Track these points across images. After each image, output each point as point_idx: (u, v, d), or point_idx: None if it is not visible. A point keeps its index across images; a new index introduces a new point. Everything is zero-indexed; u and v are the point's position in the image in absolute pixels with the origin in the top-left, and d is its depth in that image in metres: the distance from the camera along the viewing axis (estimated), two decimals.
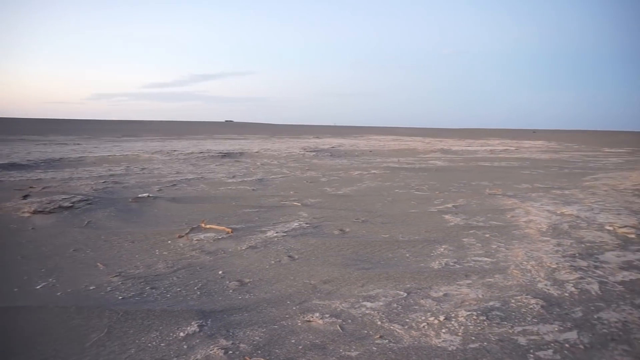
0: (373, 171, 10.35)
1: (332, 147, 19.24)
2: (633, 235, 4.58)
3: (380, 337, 2.46)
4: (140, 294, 3.11)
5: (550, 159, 15.17)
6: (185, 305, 2.91)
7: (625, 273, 3.46)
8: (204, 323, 2.62)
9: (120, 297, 3.04)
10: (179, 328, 2.57)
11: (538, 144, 26.96)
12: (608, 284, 3.23)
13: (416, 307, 2.85)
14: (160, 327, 2.58)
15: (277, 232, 4.64)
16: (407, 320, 2.67)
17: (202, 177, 8.97)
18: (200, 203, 6.25)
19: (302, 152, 15.77)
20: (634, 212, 5.71)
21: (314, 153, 15.82)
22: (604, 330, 2.53)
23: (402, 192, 7.42)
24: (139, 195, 6.55)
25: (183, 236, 4.48)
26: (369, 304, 2.89)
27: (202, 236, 4.53)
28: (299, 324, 2.64)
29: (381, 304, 2.90)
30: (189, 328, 2.56)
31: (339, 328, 2.57)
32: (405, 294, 3.05)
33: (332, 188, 7.77)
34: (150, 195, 6.63)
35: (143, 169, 10.27)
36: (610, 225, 4.97)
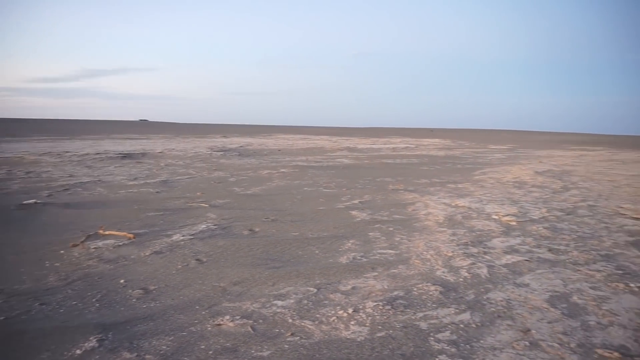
0: (282, 170, 10.39)
1: (241, 147, 18.97)
2: (514, 223, 5.14)
3: (292, 334, 2.49)
4: (27, 311, 2.81)
5: (445, 156, 16.41)
6: (82, 319, 2.69)
7: (509, 256, 3.87)
8: (104, 337, 2.45)
9: (1, 318, 2.71)
10: (74, 345, 2.36)
11: (435, 142, 29.03)
12: (495, 267, 3.58)
13: (326, 302, 2.93)
14: (53, 346, 2.35)
15: (183, 236, 4.47)
16: (318, 315, 2.72)
17: (99, 180, 8.33)
18: (98, 208, 5.81)
19: (209, 152, 15.35)
20: (514, 202, 6.40)
21: (221, 153, 15.47)
22: (492, 309, 2.81)
23: (311, 190, 7.55)
24: (24, 202, 5.90)
25: (78, 245, 4.13)
26: (280, 303, 2.90)
27: (100, 244, 4.21)
28: (209, 328, 2.57)
29: (292, 301, 2.93)
30: (86, 344, 2.37)
31: (250, 329, 2.55)
32: (316, 290, 3.11)
33: (241, 188, 7.67)
34: (38, 201, 6.00)
35: (28, 172, 9.27)
36: (496, 215, 5.52)
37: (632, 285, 3.20)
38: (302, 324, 2.61)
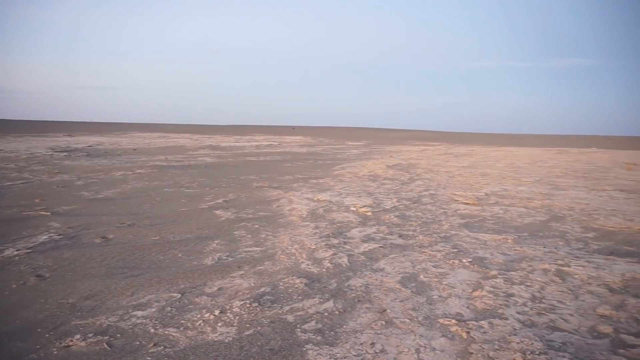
0: (138, 171, 9.68)
1: (89, 146, 17.16)
2: (370, 213, 5.57)
3: (155, 345, 2.34)
4: None
5: (307, 153, 17.03)
6: None
7: (366, 245, 4.18)
8: None
9: None
10: None
11: (297, 139, 29.91)
12: (354, 256, 3.84)
13: (191, 306, 2.82)
14: None
15: (18, 250, 3.88)
16: (183, 321, 2.61)
17: None
18: None
19: (50, 153, 13.56)
20: (370, 194, 6.94)
21: (65, 153, 13.79)
22: (353, 295, 3.01)
23: (172, 190, 7.18)
24: None
25: None
26: (140, 313, 2.71)
27: None
28: (55, 352, 2.28)
29: (154, 310, 2.76)
30: None
31: (106, 346, 2.33)
32: (180, 295, 2.97)
33: (90, 192, 6.94)
34: None
35: None
36: (354, 207, 5.92)
37: (464, 260, 3.71)
38: (166, 332, 2.48)
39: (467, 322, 2.60)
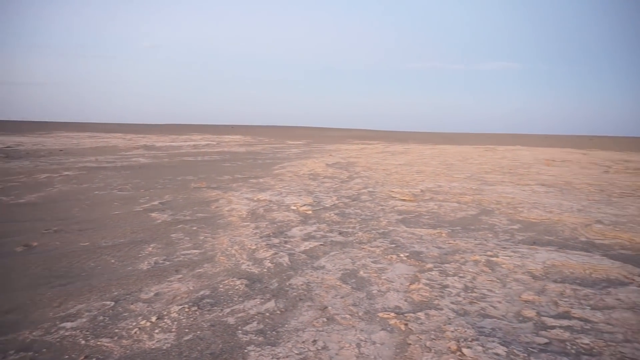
0: (66, 173, 9.08)
1: (8, 147, 15.86)
2: (310, 212, 5.61)
3: (86, 357, 2.21)
4: None
5: (247, 152, 16.82)
6: None
7: (306, 243, 4.21)
8: None
9: None
10: None
11: (236, 138, 29.45)
12: (295, 255, 3.85)
13: (126, 314, 2.69)
14: None
15: None
16: (117, 330, 2.49)
17: None
18: None
19: None
20: (310, 193, 6.98)
21: None
22: (294, 294, 3.02)
23: (103, 193, 6.81)
24: None
25: None
26: (69, 324, 2.55)
27: None
28: None
29: (84, 320, 2.60)
30: None
31: None
32: (113, 303, 2.83)
33: (9, 197, 6.41)
34: None
35: None
36: (294, 205, 5.93)
37: (402, 255, 3.84)
38: (99, 343, 2.35)
39: (405, 315, 2.69)
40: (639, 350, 2.27)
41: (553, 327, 2.54)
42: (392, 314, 2.69)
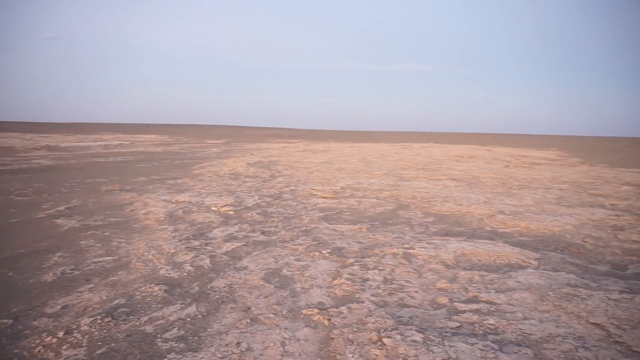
0: None
1: None
2: (232, 212, 5.50)
3: None
4: None
5: (163, 152, 16.10)
6: None
7: (229, 244, 4.13)
8: None
9: None
10: None
11: (152, 137, 28.07)
12: (216, 257, 3.76)
13: (28, 331, 2.46)
14: None
15: None
16: (17, 350, 2.26)
17: None
18: None
19: None
20: (231, 193, 6.86)
21: None
22: (216, 296, 2.95)
23: None
24: None
25: None
26: None
27: None
28: None
29: None
30: None
31: None
32: (12, 321, 2.57)
33: None
34: None
35: None
36: (215, 206, 5.78)
37: (324, 252, 3.91)
38: None
39: (329, 310, 2.74)
40: (535, 325, 2.52)
41: (464, 312, 2.73)
42: (316, 310, 2.73)
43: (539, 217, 5.37)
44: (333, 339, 2.39)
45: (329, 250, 3.95)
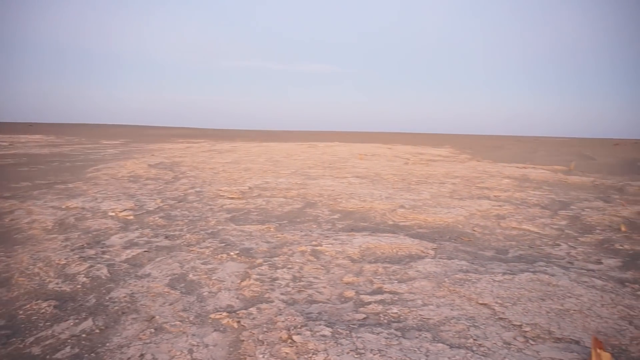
0: None
1: None
2: (132, 217, 5.18)
3: None
4: None
5: (51, 154, 14.63)
6: None
7: (129, 251, 3.87)
8: None
9: None
10: None
11: (36, 138, 25.36)
12: (115, 265, 3.51)
13: None
14: None
15: None
16: None
17: None
18: None
19: None
20: (131, 196, 6.45)
21: None
22: (116, 308, 2.75)
23: None
24: None
25: None
26: None
27: None
28: None
29: None
30: None
31: None
32: None
33: None
34: None
35: None
36: (112, 212, 5.39)
37: (232, 253, 3.84)
38: None
39: (238, 312, 2.69)
40: (433, 310, 2.71)
41: (369, 303, 2.85)
42: (225, 314, 2.67)
43: (435, 210, 5.78)
44: (243, 341, 2.35)
45: (237, 252, 3.89)
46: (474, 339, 2.36)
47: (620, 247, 4.31)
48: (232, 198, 6.54)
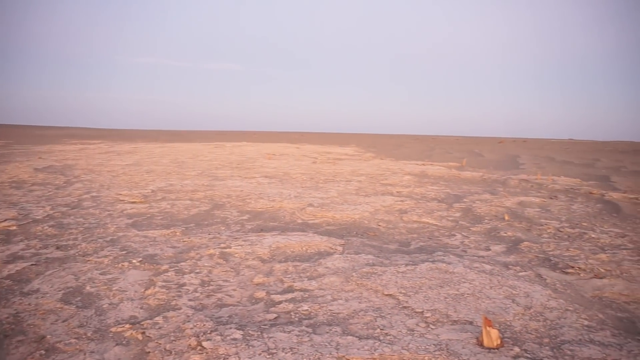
0: None
1: None
2: (14, 227, 4.65)
3: None
4: None
5: None
6: None
7: (12, 266, 3.47)
8: None
9: None
10: None
11: None
12: None
13: None
14: None
15: None
16: None
17: None
18: None
19: None
20: (13, 205, 5.78)
21: None
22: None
23: None
24: None
25: None
26: None
27: None
28: None
29: None
30: None
31: None
32: None
33: None
34: None
35: None
36: None
37: (134, 261, 3.61)
38: None
39: (142, 323, 2.55)
40: (342, 305, 2.80)
41: (280, 302, 2.86)
42: (128, 326, 2.51)
43: (342, 207, 5.96)
44: (149, 352, 2.23)
45: (140, 259, 3.67)
46: (381, 329, 2.48)
47: (505, 235, 4.80)
48: (133, 202, 6.15)
